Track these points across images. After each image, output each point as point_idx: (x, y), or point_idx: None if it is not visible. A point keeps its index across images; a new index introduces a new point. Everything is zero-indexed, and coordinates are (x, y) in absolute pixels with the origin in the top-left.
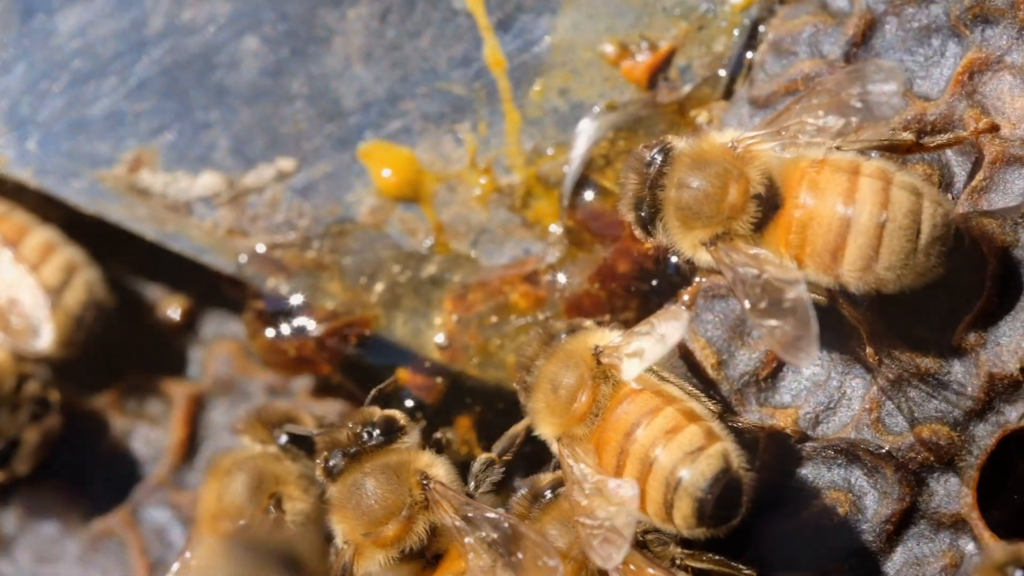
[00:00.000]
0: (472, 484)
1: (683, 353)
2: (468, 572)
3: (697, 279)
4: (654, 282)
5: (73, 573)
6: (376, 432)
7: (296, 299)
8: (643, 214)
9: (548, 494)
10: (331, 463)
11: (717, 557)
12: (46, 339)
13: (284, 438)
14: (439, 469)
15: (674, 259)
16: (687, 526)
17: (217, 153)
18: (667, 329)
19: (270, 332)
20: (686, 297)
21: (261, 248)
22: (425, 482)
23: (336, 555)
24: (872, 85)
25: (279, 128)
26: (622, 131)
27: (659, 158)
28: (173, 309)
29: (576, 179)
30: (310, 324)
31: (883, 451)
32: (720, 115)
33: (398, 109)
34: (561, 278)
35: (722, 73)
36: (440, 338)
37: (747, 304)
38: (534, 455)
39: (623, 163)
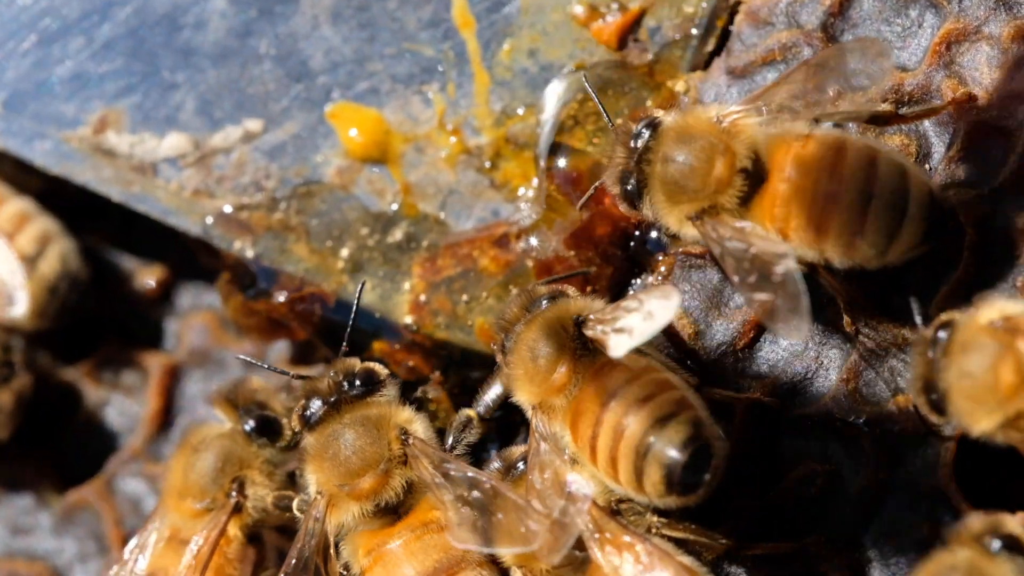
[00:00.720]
0: (449, 442)
1: None
2: (447, 530)
3: (672, 251)
4: (632, 243)
5: (47, 544)
6: (356, 383)
7: (263, 272)
8: (629, 188)
9: (520, 466)
10: (309, 411)
11: (693, 526)
12: (21, 307)
13: (251, 424)
14: (418, 426)
15: (653, 234)
16: (657, 494)
17: (183, 114)
18: (656, 306)
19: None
20: (663, 268)
21: (228, 209)
22: (404, 437)
23: (309, 505)
24: (862, 62)
25: (246, 89)
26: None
27: (646, 132)
28: (148, 280)
29: (550, 143)
30: (276, 293)
31: (860, 421)
32: (697, 85)
33: (366, 70)
34: (533, 241)
35: (694, 32)
36: (408, 320)
37: (736, 278)
38: (505, 419)
39: (592, 124)
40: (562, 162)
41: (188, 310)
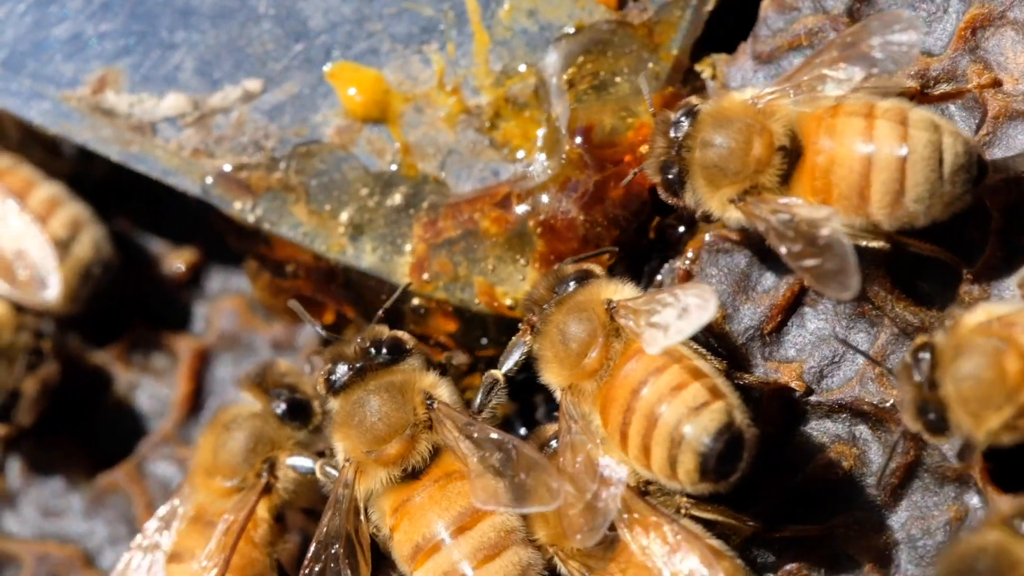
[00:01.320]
0: (477, 403)
1: None
2: (471, 493)
3: (699, 233)
4: (644, 208)
5: (79, 527)
6: (383, 350)
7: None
8: (671, 177)
9: (553, 443)
10: (334, 376)
11: (721, 508)
12: (54, 290)
13: (282, 407)
14: (443, 390)
15: (682, 229)
16: (690, 481)
17: (183, 74)
18: (693, 304)
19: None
20: (690, 252)
21: (227, 169)
22: (429, 401)
23: (338, 472)
24: (892, 35)
25: (245, 49)
26: (591, 54)
27: (684, 120)
28: (178, 264)
29: (566, 104)
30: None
31: (887, 405)
32: (724, 69)
33: (365, 30)
34: (544, 199)
35: None
36: (415, 301)
37: (783, 250)
38: (526, 397)
39: (586, 84)
40: (566, 118)
41: (217, 294)
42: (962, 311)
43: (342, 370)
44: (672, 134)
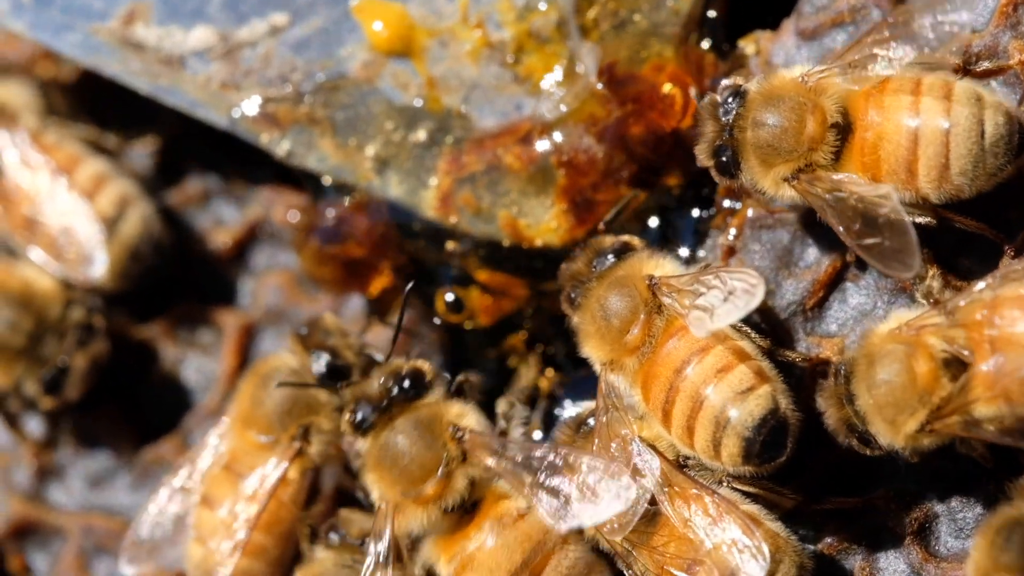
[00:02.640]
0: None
1: None
2: (538, 515)
3: (742, 208)
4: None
5: (125, 500)
6: (406, 385)
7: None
8: (724, 160)
9: (591, 422)
10: (359, 417)
11: (762, 482)
12: (100, 267)
13: (321, 370)
14: (470, 419)
15: (727, 203)
16: (733, 464)
17: (210, 8)
18: (739, 288)
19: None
20: (733, 228)
21: (255, 102)
22: (459, 434)
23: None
24: (943, 15)
25: None
26: None
27: (733, 102)
28: (224, 239)
29: (589, 42)
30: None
31: None
32: (767, 46)
33: None
34: (558, 137)
35: None
36: (449, 245)
37: (841, 229)
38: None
39: (609, 24)
40: (593, 55)
41: (263, 269)
42: (875, 324)
43: (366, 411)
44: (722, 117)
